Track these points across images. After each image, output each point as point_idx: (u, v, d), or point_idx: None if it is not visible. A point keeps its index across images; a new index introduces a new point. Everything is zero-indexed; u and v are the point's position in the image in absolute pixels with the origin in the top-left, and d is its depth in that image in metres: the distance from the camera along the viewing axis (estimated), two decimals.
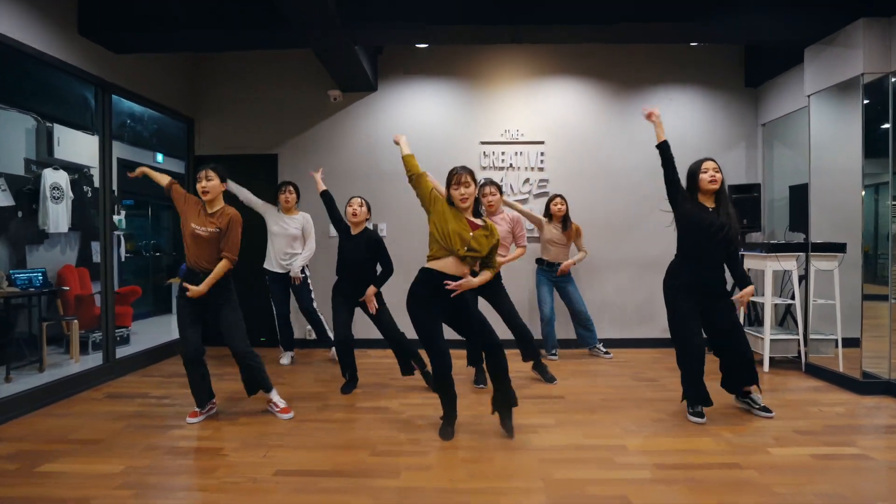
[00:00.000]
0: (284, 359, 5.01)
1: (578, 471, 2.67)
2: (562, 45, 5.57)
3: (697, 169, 3.36)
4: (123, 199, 7.36)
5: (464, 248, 2.95)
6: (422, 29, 4.19)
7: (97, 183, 4.69)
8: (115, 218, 6.60)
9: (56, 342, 5.36)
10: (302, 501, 2.40)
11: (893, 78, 3.85)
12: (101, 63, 4.36)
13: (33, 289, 4.77)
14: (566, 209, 5.00)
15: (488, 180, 4.12)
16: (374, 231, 4.13)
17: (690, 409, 3.38)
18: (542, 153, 5.62)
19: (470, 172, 3.02)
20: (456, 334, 3.25)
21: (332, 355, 5.01)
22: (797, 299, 4.57)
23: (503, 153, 5.61)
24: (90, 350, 4.98)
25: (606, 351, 5.14)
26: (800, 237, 4.88)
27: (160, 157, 7.53)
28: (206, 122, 5.80)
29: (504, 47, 5.61)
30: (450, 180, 3.03)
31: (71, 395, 3.97)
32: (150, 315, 7.25)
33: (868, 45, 3.86)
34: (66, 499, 2.43)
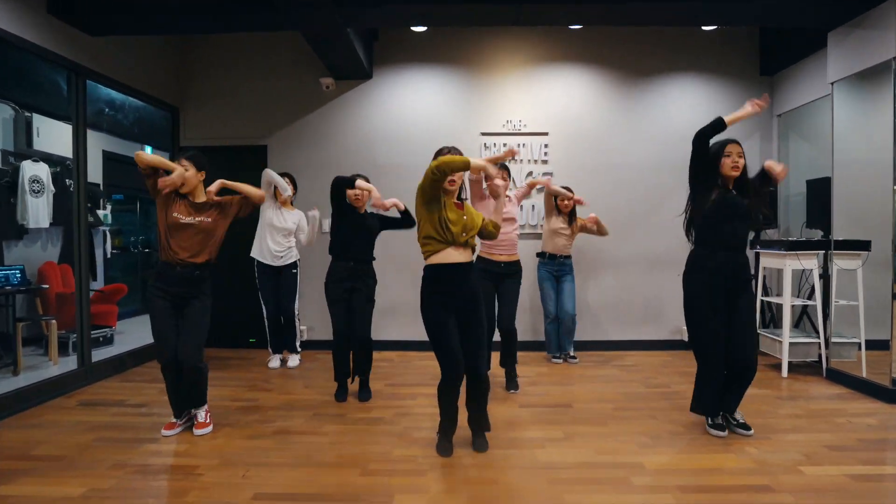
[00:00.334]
0: (273, 361, 4.74)
1: (593, 494, 2.39)
2: (567, 31, 5.28)
3: (720, 151, 3.04)
4: (113, 194, 7.11)
5: (463, 236, 2.76)
6: (418, 9, 3.90)
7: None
8: (101, 213, 6.36)
9: (36, 342, 5.11)
10: None
11: None
12: (75, 46, 4.06)
13: (10, 287, 4.51)
14: (574, 204, 4.73)
15: (501, 164, 3.88)
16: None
17: (710, 422, 3.10)
18: (546, 145, 5.34)
19: (459, 153, 2.82)
20: None
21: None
22: (818, 300, 4.31)
23: (505, 145, 5.30)
24: (70, 351, 4.70)
25: (573, 356, 4.88)
26: (817, 234, 4.62)
27: (148, 150, 7.25)
28: (192, 112, 5.50)
29: (506, 32, 5.31)
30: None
31: (42, 403, 3.68)
32: (138, 313, 6.96)
33: None
34: None
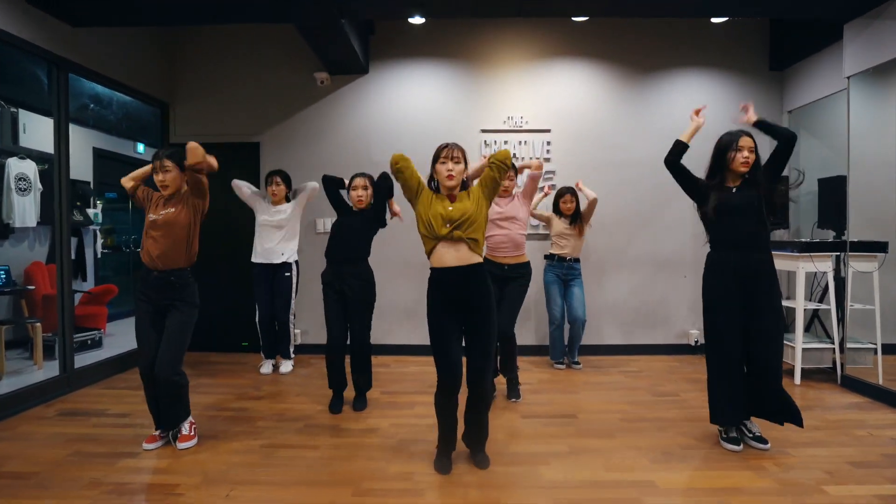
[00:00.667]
0: (265, 367, 4.55)
1: None
2: (570, 24, 5.09)
3: (730, 144, 2.86)
4: (106, 192, 6.92)
5: (445, 227, 2.52)
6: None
7: (72, 174, 4.24)
8: (91, 212, 6.18)
9: (22, 345, 4.95)
10: None
11: None
12: (56, 37, 3.86)
13: None
14: (576, 205, 4.56)
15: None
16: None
17: (724, 435, 2.93)
18: (549, 142, 5.15)
19: (461, 149, 2.63)
20: None
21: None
22: (832, 304, 4.14)
23: (506, 142, 5.14)
24: (56, 355, 4.52)
25: (577, 361, 4.71)
26: (829, 235, 4.46)
27: (141, 148, 7.06)
28: (183, 107, 5.31)
29: (507, 25, 5.13)
30: (437, 155, 2.62)
31: (20, 412, 3.50)
32: (130, 315, 6.76)
33: None
34: None
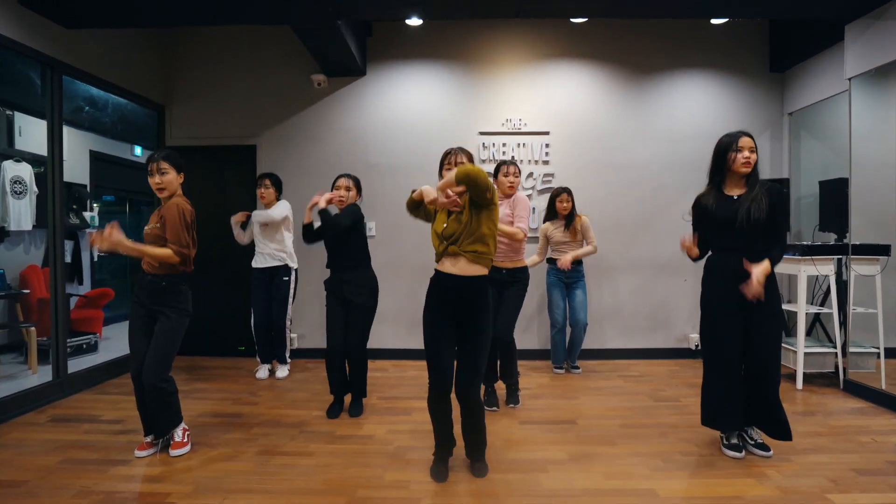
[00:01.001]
0: (261, 371, 4.50)
1: None
2: (568, 25, 5.05)
3: (730, 146, 2.80)
4: (103, 195, 6.89)
5: (442, 245, 2.49)
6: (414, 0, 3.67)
7: (66, 176, 4.19)
8: (88, 215, 6.14)
9: (17, 349, 4.92)
10: None
11: None
12: (50, 39, 3.83)
13: None
14: (572, 206, 4.50)
15: (511, 160, 3.66)
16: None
17: (725, 442, 2.89)
18: (547, 144, 5.11)
19: (467, 154, 2.62)
20: None
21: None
22: (834, 307, 4.09)
23: (504, 144, 5.10)
24: (51, 359, 4.49)
25: (576, 365, 4.68)
26: (830, 238, 4.42)
27: (138, 150, 7.03)
28: (179, 110, 5.27)
29: (505, 26, 5.09)
30: (443, 161, 2.63)
31: (12, 418, 3.45)
32: (126, 319, 6.73)
33: None
34: None
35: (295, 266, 4.50)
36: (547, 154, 5.11)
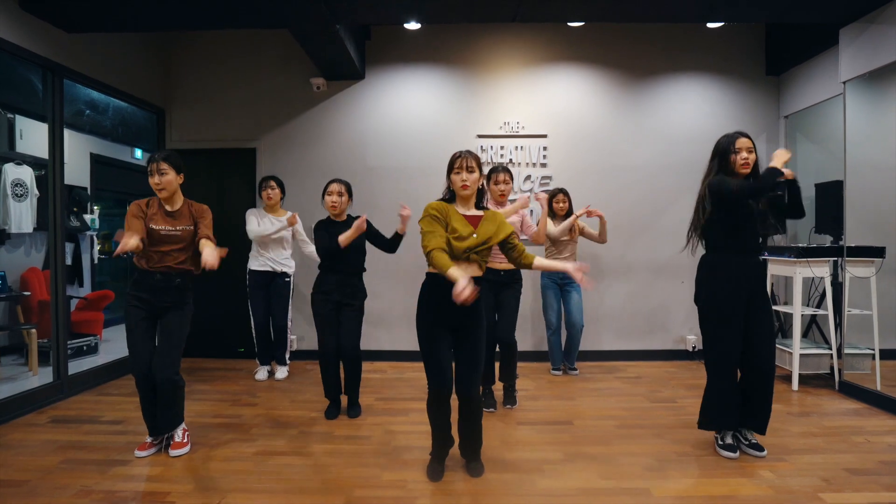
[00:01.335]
0: (260, 373, 4.53)
1: None
2: (566, 29, 5.09)
3: (729, 147, 2.83)
4: (102, 198, 6.91)
5: (465, 253, 2.53)
6: (410, 4, 3.71)
7: (67, 179, 4.23)
8: (88, 217, 6.17)
9: (17, 351, 4.94)
10: None
11: None
12: (51, 43, 3.86)
13: None
14: (569, 206, 4.54)
15: (501, 166, 3.69)
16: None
17: (720, 442, 2.91)
18: (545, 147, 5.15)
19: (475, 157, 2.63)
20: None
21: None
22: (829, 309, 4.12)
23: (502, 147, 5.14)
24: (51, 361, 4.51)
25: (574, 367, 4.70)
26: (826, 240, 4.44)
27: (139, 153, 7.06)
28: (179, 113, 5.31)
29: (503, 30, 5.13)
30: (452, 165, 2.63)
31: (12, 419, 3.48)
32: None
33: None
34: None
35: (292, 270, 4.55)
36: (545, 157, 5.14)
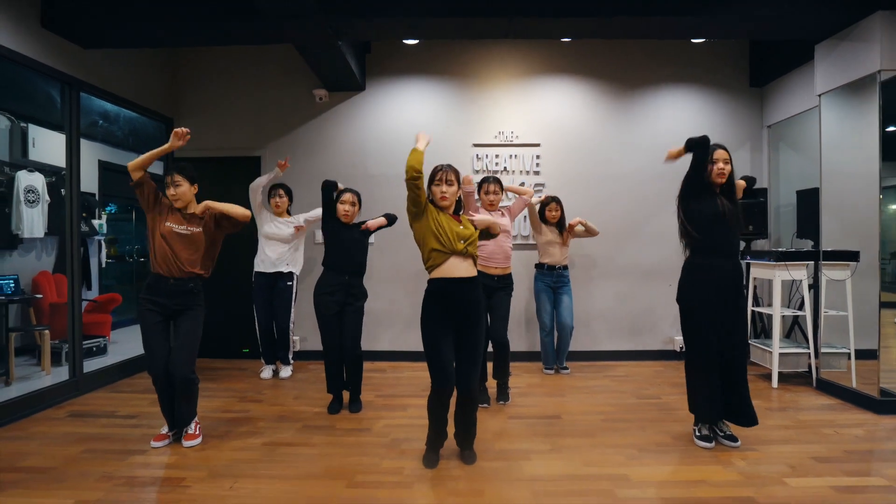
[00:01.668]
0: (265, 372, 4.74)
1: None
2: (558, 43, 5.32)
3: (707, 157, 3.08)
4: (109, 203, 7.12)
5: (461, 243, 2.76)
6: (409, 22, 3.93)
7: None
8: (96, 222, 6.37)
9: (29, 352, 5.12)
10: None
11: None
12: (68, 58, 4.09)
13: (4, 297, 4.51)
14: (561, 214, 4.76)
15: (493, 177, 3.92)
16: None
17: (697, 434, 3.12)
18: (538, 156, 5.37)
19: (454, 171, 2.86)
20: None
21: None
22: (807, 310, 4.33)
23: (497, 156, 5.36)
24: (63, 361, 4.70)
25: (565, 366, 4.91)
26: (807, 244, 4.65)
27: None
28: (186, 123, 5.51)
29: (497, 44, 5.36)
30: (432, 177, 2.85)
31: (32, 414, 3.68)
32: (133, 323, 6.95)
33: (885, 41, 3.62)
34: None
35: (297, 271, 4.75)
36: (538, 165, 5.36)
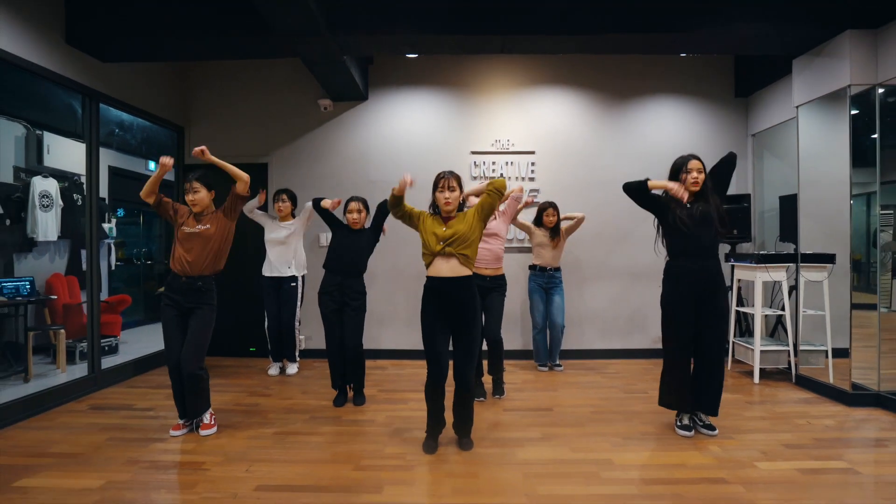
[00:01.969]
0: (273, 369, 4.97)
1: (563, 486, 2.64)
2: (552, 56, 5.57)
3: (682, 167, 3.30)
4: (118, 208, 7.35)
5: (439, 245, 2.97)
6: (409, 38, 4.18)
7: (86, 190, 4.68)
8: (106, 226, 6.60)
9: (44, 351, 5.33)
10: None
11: (880, 89, 3.87)
12: (89, 72, 4.34)
13: (20, 297, 4.72)
14: (557, 219, 4.99)
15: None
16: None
17: (678, 423, 3.35)
18: (533, 163, 5.62)
19: (456, 178, 3.06)
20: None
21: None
22: (787, 310, 4.56)
23: (493, 163, 5.60)
24: (77, 360, 4.94)
25: (559, 364, 5.14)
26: (789, 247, 4.87)
27: (152, 165, 7.51)
28: (196, 131, 5.77)
29: (494, 57, 5.61)
30: (436, 184, 3.07)
31: (54, 407, 3.91)
32: (142, 324, 7.19)
33: (854, 57, 3.87)
34: None
35: (302, 274, 4.98)
36: (533, 171, 5.61)
